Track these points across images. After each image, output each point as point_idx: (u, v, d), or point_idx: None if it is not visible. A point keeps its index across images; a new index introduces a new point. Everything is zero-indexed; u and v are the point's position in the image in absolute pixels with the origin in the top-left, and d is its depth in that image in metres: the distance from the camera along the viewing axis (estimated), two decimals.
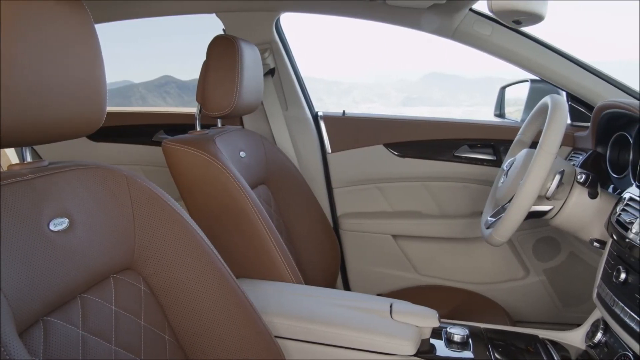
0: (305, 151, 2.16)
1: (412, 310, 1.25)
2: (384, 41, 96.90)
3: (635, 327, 1.10)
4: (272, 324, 1.18)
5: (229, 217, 1.47)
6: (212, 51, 1.58)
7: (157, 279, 0.98)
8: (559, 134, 1.32)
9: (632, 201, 1.27)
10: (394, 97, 28.23)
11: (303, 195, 1.90)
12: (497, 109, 2.44)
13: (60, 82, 0.76)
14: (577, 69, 1.89)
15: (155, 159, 2.36)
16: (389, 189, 2.20)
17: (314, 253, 1.86)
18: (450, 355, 1.23)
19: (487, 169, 2.10)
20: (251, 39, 1.77)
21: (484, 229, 1.56)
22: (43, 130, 0.77)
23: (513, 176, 1.50)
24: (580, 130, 1.95)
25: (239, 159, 1.64)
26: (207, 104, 1.56)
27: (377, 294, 2.07)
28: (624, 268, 1.19)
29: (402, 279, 2.20)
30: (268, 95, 2.11)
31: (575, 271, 2.04)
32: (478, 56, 1.98)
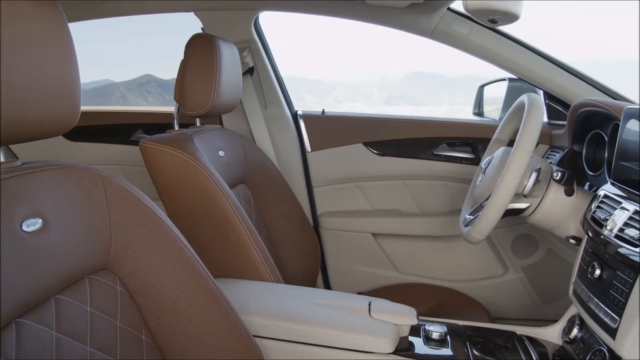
0: (285, 150, 2.16)
1: (390, 309, 1.26)
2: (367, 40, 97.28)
3: (610, 322, 1.12)
4: (251, 323, 1.18)
5: (207, 216, 1.46)
6: (190, 50, 1.57)
7: (134, 279, 0.97)
8: (535, 132, 1.33)
9: (607, 198, 1.28)
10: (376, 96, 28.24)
11: (283, 194, 1.90)
12: (476, 107, 2.45)
13: (34, 81, 0.76)
14: (554, 68, 1.90)
15: (134, 159, 2.34)
16: (369, 187, 2.21)
17: (294, 252, 1.86)
18: (429, 353, 1.24)
19: (466, 167, 2.11)
20: (230, 38, 1.77)
21: (463, 226, 1.57)
22: (16, 130, 0.76)
23: (491, 174, 1.51)
24: (557, 128, 1.97)
25: (218, 159, 1.63)
26: (185, 103, 1.55)
27: (358, 293, 2.08)
28: (598, 264, 1.21)
29: (383, 277, 2.21)
30: (247, 95, 2.10)
31: (552, 268, 2.06)
32: (459, 55, 1.98)
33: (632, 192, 1.22)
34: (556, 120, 2.02)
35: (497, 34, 1.90)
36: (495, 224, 1.38)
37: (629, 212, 1.15)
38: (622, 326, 1.08)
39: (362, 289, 2.19)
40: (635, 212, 1.14)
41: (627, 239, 1.10)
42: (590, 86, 1.89)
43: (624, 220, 1.14)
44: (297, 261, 1.86)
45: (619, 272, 1.12)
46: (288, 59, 1.96)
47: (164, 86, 9.85)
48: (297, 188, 2.14)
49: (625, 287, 1.09)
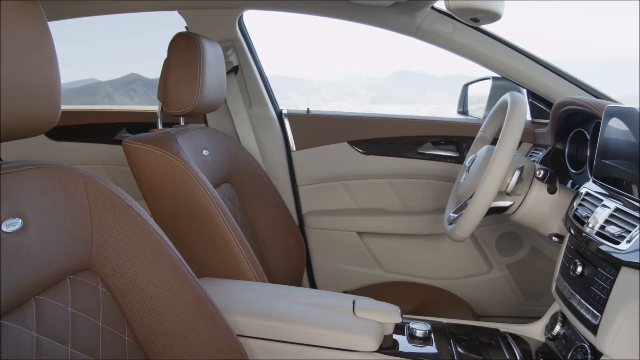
0: (270, 149, 2.15)
1: (374, 307, 1.26)
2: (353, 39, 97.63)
3: (591, 319, 1.13)
4: (234, 322, 1.18)
5: (191, 216, 1.46)
6: (174, 49, 1.56)
7: (116, 280, 0.96)
8: (518, 131, 1.34)
9: (589, 196, 1.30)
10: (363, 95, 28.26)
11: (268, 193, 1.90)
12: (460, 106, 2.46)
13: (13, 80, 0.75)
14: (537, 67, 1.92)
15: (118, 159, 2.32)
16: (354, 186, 2.21)
17: (279, 251, 1.86)
18: (413, 351, 1.24)
19: (450, 165, 2.12)
20: (214, 37, 1.76)
21: (447, 224, 1.57)
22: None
23: (474, 172, 1.52)
24: (541, 127, 1.99)
25: (202, 158, 1.62)
26: (168, 102, 1.55)
27: (343, 291, 2.09)
28: (580, 261, 1.22)
29: (368, 276, 2.22)
30: (232, 94, 2.10)
31: (536, 265, 2.08)
32: (445, 55, 1.99)
33: (613, 189, 1.23)
34: (539, 118, 2.03)
35: (481, 33, 1.91)
36: (479, 222, 1.38)
37: (609, 209, 1.16)
38: (603, 323, 1.09)
39: (347, 288, 2.20)
40: (616, 210, 1.15)
41: (607, 236, 1.11)
42: (573, 85, 1.90)
43: (605, 218, 1.15)
44: (282, 260, 1.86)
45: (600, 269, 1.14)
46: (274, 58, 1.97)
47: (150, 85, 9.79)
48: (282, 187, 2.14)
49: (606, 283, 1.10)
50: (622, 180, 1.19)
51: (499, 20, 1.49)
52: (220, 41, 1.86)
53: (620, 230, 1.09)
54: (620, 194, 1.19)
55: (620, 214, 1.13)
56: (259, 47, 2.19)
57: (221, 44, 1.83)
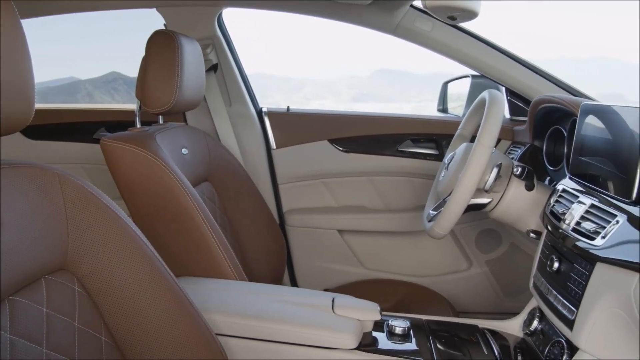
0: (250, 147, 2.15)
1: (353, 305, 1.26)
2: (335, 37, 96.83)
3: (567, 314, 1.14)
4: (213, 321, 1.17)
5: (170, 215, 1.45)
6: (151, 47, 1.55)
7: (93, 279, 0.95)
8: (496, 128, 1.35)
9: (565, 192, 1.31)
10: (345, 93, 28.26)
11: (248, 191, 1.89)
12: (440, 104, 2.47)
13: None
14: (516, 65, 1.93)
15: (96, 158, 2.30)
16: (334, 184, 2.21)
17: (259, 250, 1.85)
18: (392, 348, 1.24)
19: (430, 163, 2.13)
20: (193, 35, 1.75)
21: (426, 222, 1.58)
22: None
23: (453, 170, 1.53)
24: (519, 124, 2.00)
25: (181, 156, 1.61)
26: (146, 100, 1.53)
27: (324, 289, 2.09)
28: (557, 257, 1.23)
29: (349, 274, 2.22)
30: (211, 92, 2.09)
31: (515, 262, 2.09)
32: (427, 53, 2.00)
33: (589, 186, 1.24)
34: (518, 116, 2.05)
35: (460, 31, 1.92)
36: (458, 219, 1.39)
37: (585, 205, 1.18)
38: (579, 317, 1.10)
39: (328, 286, 2.20)
40: (591, 206, 1.16)
41: (583, 232, 1.12)
42: (550, 83, 1.92)
43: (581, 214, 1.17)
44: (263, 259, 1.86)
45: (576, 264, 1.15)
46: (256, 55, 1.95)
47: (131, 84, 9.67)
48: (262, 185, 2.14)
49: (581, 279, 1.11)
50: (599, 177, 1.20)
51: (477, 18, 1.50)
52: (199, 39, 1.85)
53: (596, 226, 1.10)
54: (596, 191, 1.20)
55: (595, 210, 1.14)
56: (240, 45, 2.18)
57: (200, 42, 1.82)
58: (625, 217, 1.03)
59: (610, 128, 1.18)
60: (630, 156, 1.06)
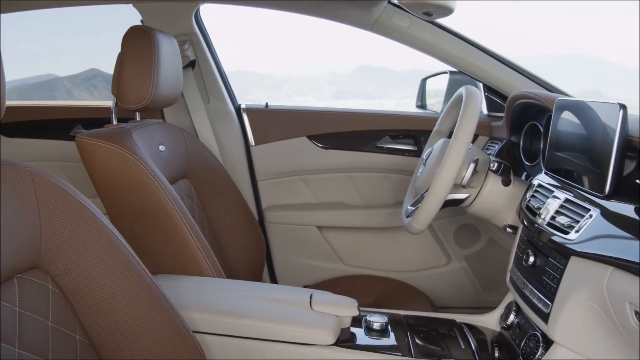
0: (228, 144, 2.14)
1: (331, 300, 1.26)
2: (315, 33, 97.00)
3: (542, 307, 1.15)
4: (191, 319, 1.17)
5: (146, 212, 1.44)
6: (127, 42, 1.53)
7: (67, 278, 0.94)
8: (472, 124, 1.36)
9: (540, 187, 1.32)
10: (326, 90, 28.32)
11: (226, 188, 1.88)
12: (419, 100, 2.48)
13: None
14: (493, 61, 1.95)
15: (73, 155, 2.26)
16: (313, 180, 2.21)
17: (238, 247, 1.85)
18: (370, 343, 1.25)
19: (409, 159, 2.14)
20: (170, 31, 1.73)
21: (404, 217, 1.59)
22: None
23: (430, 166, 1.53)
24: (496, 120, 2.02)
25: (158, 153, 1.60)
26: (122, 96, 1.52)
27: (304, 286, 2.08)
28: (532, 252, 1.24)
29: (328, 270, 2.22)
30: (189, 88, 2.07)
31: (494, 256, 2.11)
32: (407, 49, 2.00)
33: (564, 181, 1.25)
34: (495, 112, 2.06)
35: (438, 28, 1.92)
36: (435, 214, 1.40)
37: (560, 200, 1.19)
38: (554, 311, 1.11)
39: (308, 282, 2.20)
40: (566, 201, 1.17)
41: (558, 226, 1.13)
42: (527, 79, 1.94)
43: (555, 209, 1.18)
44: (242, 256, 1.85)
45: (551, 258, 1.16)
46: (237, 52, 1.92)
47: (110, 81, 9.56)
48: (241, 182, 2.13)
49: (556, 273, 1.12)
50: (574, 172, 1.21)
51: (458, 16, 1.51)
52: (176, 35, 1.83)
53: (570, 220, 1.11)
54: (570, 185, 1.21)
55: (570, 204, 1.15)
56: (221, 42, 2.17)
57: (177, 38, 1.81)
58: (599, 211, 1.04)
59: (584, 123, 1.19)
60: (604, 151, 1.07)
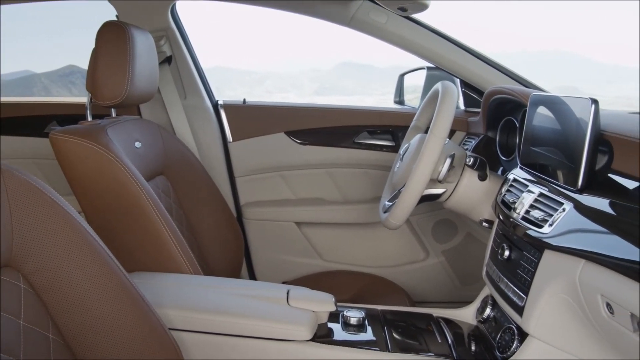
0: (206, 140, 2.12)
1: (308, 296, 1.26)
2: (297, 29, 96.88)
3: (517, 300, 1.17)
4: (166, 316, 1.16)
5: (122, 210, 1.42)
6: (102, 38, 1.51)
7: (39, 276, 0.93)
8: (448, 119, 1.36)
9: (516, 182, 1.33)
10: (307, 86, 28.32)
11: (204, 185, 1.87)
12: (397, 96, 2.49)
13: None
14: (470, 57, 1.96)
15: (49, 152, 2.24)
16: (292, 176, 2.21)
17: (216, 243, 1.84)
18: (347, 338, 1.25)
19: (387, 154, 2.14)
20: (146, 26, 1.72)
21: (382, 213, 1.59)
22: None
23: (407, 161, 1.54)
24: (473, 115, 2.03)
25: (134, 150, 1.59)
26: (97, 92, 1.50)
27: (283, 282, 2.09)
28: (507, 246, 1.26)
29: (307, 266, 2.22)
30: (165, 84, 2.06)
31: (471, 251, 2.12)
32: (387, 45, 2.01)
33: (538, 175, 1.27)
34: (472, 107, 2.07)
35: (415, 24, 1.93)
36: (412, 209, 1.40)
37: (534, 194, 1.20)
38: (528, 304, 1.12)
39: (287, 278, 2.19)
40: (540, 195, 1.18)
41: (532, 220, 1.14)
42: (503, 74, 1.95)
43: (530, 203, 1.19)
44: (220, 252, 1.85)
45: (525, 252, 1.17)
46: (216, 49, 1.91)
47: None
48: (219, 179, 2.12)
49: (530, 266, 1.14)
50: (548, 167, 1.22)
51: (440, 13, 1.51)
52: (152, 31, 1.81)
53: (544, 214, 1.12)
54: (545, 180, 1.22)
55: (544, 198, 1.16)
56: (202, 38, 2.15)
57: (153, 33, 1.79)
58: (572, 205, 1.06)
59: (558, 118, 1.20)
60: (576, 146, 1.08)
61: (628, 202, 0.93)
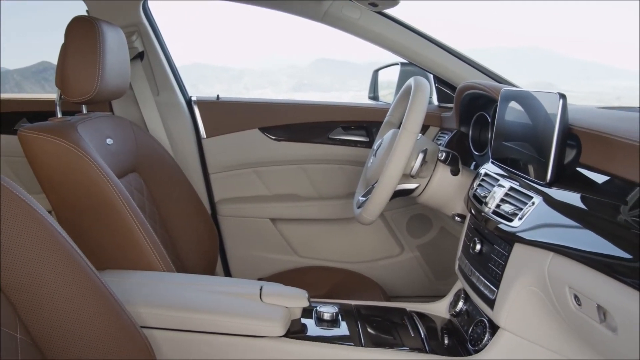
0: (179, 137, 2.11)
1: (281, 292, 1.26)
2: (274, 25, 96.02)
3: (488, 294, 1.18)
4: (138, 314, 1.15)
5: (93, 207, 1.40)
6: (71, 33, 1.49)
7: (7, 276, 0.92)
8: (420, 114, 1.37)
9: (487, 176, 1.34)
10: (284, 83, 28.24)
11: (178, 182, 1.86)
12: (371, 91, 2.50)
13: None
14: (443, 53, 1.97)
15: (19, 150, 2.21)
16: (266, 172, 2.20)
17: (190, 241, 1.83)
18: (320, 334, 1.25)
19: (361, 150, 2.15)
20: (117, 22, 1.70)
21: (356, 208, 1.59)
22: None
23: (380, 156, 1.54)
24: (446, 111, 2.04)
25: (105, 147, 1.57)
26: (67, 89, 1.48)
27: (258, 278, 2.08)
28: (479, 239, 1.27)
29: (283, 262, 2.22)
30: (138, 80, 2.03)
31: (446, 245, 2.14)
32: (364, 41, 2.01)
33: (509, 170, 1.28)
34: (446, 103, 2.09)
35: (388, 20, 1.93)
36: (385, 204, 1.41)
37: (504, 188, 1.21)
38: (499, 297, 1.14)
39: (262, 275, 2.19)
40: (510, 189, 1.20)
41: (502, 214, 1.16)
42: (476, 70, 1.96)
43: (500, 197, 1.20)
44: (195, 250, 1.83)
45: (496, 246, 1.18)
46: (193, 45, 1.88)
47: None
48: (193, 175, 2.10)
49: (501, 260, 1.15)
50: (519, 161, 1.23)
51: (407, 7, 1.52)
52: (123, 26, 1.79)
53: (514, 208, 1.13)
54: (515, 174, 1.23)
55: (514, 192, 1.17)
56: (179, 35, 2.14)
57: (125, 29, 1.77)
58: (541, 198, 1.07)
59: (528, 113, 1.21)
60: (546, 140, 1.09)
61: (595, 195, 0.94)
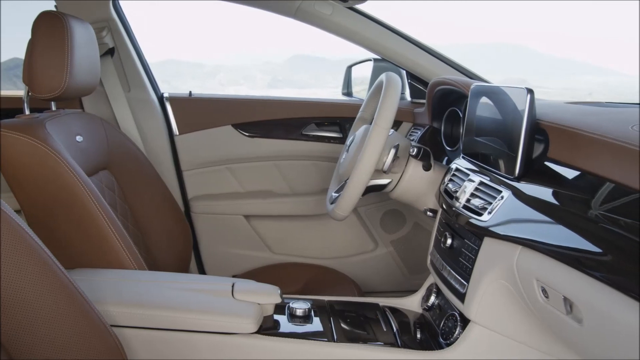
0: (151, 134, 2.08)
1: (253, 289, 1.25)
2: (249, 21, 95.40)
3: (459, 287, 1.19)
4: (108, 312, 1.14)
5: (62, 206, 1.38)
6: (38, 29, 1.46)
7: None
8: (392, 110, 1.37)
9: (458, 171, 1.36)
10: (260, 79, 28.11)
11: (150, 179, 1.84)
12: (345, 87, 2.50)
13: None
14: (415, 49, 1.98)
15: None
16: (240, 169, 2.19)
17: (163, 238, 1.81)
18: (293, 330, 1.25)
19: (334, 146, 2.15)
20: (86, 17, 1.67)
21: (329, 204, 1.60)
22: None
23: (353, 152, 1.54)
24: (419, 106, 2.05)
25: (75, 144, 1.54)
26: (34, 85, 1.45)
27: (233, 275, 2.07)
28: (450, 234, 1.28)
29: (257, 259, 2.21)
30: (108, 77, 2.01)
31: (419, 241, 2.15)
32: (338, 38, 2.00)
33: (480, 164, 1.29)
34: (418, 99, 2.10)
35: (360, 16, 1.93)
36: (357, 200, 1.41)
37: (474, 183, 1.22)
38: (469, 290, 1.15)
39: (236, 272, 2.18)
40: (480, 184, 1.21)
41: (473, 208, 1.17)
42: (448, 66, 1.98)
43: (471, 192, 1.21)
44: (168, 247, 1.82)
45: (466, 240, 1.19)
46: (167, 41, 1.85)
47: None
48: (165, 173, 2.08)
49: (471, 254, 1.16)
50: (490, 156, 1.24)
51: (381, 3, 1.51)
52: (93, 22, 1.77)
53: (484, 202, 1.14)
54: (486, 169, 1.24)
55: (484, 187, 1.18)
56: (153, 31, 2.12)
57: (94, 25, 1.75)
58: (510, 192, 1.08)
59: (498, 108, 1.22)
60: (514, 135, 1.10)
61: (565, 189, 0.96)
